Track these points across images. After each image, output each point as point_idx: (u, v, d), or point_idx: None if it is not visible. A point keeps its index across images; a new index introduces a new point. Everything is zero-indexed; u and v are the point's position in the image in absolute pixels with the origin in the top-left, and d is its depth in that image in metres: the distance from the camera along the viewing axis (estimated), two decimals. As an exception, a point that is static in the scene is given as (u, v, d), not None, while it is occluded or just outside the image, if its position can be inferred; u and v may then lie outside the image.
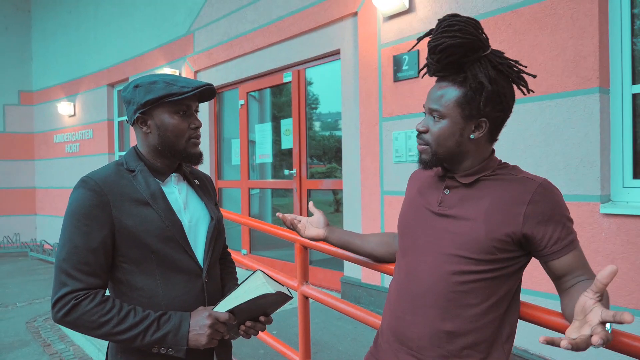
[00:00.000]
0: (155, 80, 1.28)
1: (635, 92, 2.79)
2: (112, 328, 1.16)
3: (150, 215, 1.24)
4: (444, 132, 1.17)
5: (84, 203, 1.19)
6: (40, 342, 4.17)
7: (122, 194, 1.23)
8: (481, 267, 1.13)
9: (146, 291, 1.24)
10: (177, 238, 1.27)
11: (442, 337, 1.15)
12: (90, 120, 8.68)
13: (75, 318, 1.15)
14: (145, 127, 1.30)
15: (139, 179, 1.27)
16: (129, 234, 1.21)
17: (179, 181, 1.38)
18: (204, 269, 1.33)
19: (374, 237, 1.61)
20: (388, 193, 4.03)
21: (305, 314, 2.28)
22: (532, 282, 2.96)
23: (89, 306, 1.15)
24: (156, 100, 1.26)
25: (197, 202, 1.41)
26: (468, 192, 1.19)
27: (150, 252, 1.23)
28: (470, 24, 1.14)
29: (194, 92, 1.28)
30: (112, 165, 1.30)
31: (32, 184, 10.33)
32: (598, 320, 0.87)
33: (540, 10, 3.01)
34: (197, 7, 6.39)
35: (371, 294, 4.15)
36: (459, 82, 1.15)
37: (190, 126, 1.32)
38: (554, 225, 1.11)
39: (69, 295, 1.15)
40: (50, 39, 9.85)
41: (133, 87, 1.30)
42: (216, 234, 1.40)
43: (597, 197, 2.78)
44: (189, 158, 1.34)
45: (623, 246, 2.68)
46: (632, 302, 2.65)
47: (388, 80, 3.99)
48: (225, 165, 6.52)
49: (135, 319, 1.17)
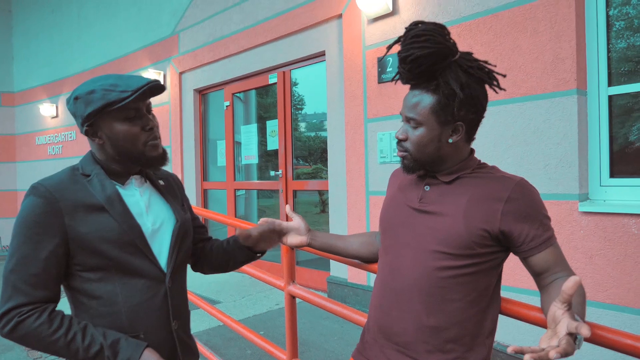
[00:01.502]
0: (92, 89, 1.18)
1: (612, 93, 2.87)
2: (60, 350, 1.10)
3: (106, 221, 1.18)
4: (422, 140, 1.20)
5: (34, 211, 1.13)
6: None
7: (76, 200, 1.17)
8: (461, 262, 1.17)
9: (105, 299, 1.19)
10: (136, 243, 1.20)
11: (427, 332, 1.19)
12: (73, 122, 8.57)
13: (20, 336, 1.10)
14: (97, 138, 1.23)
15: (95, 183, 1.21)
16: (84, 241, 1.15)
17: (141, 184, 1.32)
18: (167, 273, 1.27)
19: (355, 239, 1.61)
20: (373, 193, 4.08)
21: (292, 313, 2.30)
22: (514, 279, 3.02)
23: (34, 325, 1.09)
24: (98, 112, 1.17)
25: (161, 204, 1.34)
26: (448, 189, 1.23)
27: (107, 259, 1.17)
28: (437, 32, 1.16)
29: (135, 95, 1.16)
30: (67, 170, 1.24)
31: (14, 187, 10.18)
32: (565, 331, 0.89)
33: (520, 14, 3.08)
34: (182, 8, 6.37)
35: (357, 294, 4.19)
36: (431, 89, 1.17)
37: (145, 128, 1.23)
38: (531, 223, 1.14)
39: (13, 311, 1.09)
40: (32, 40, 9.72)
41: (73, 100, 1.21)
42: (181, 237, 1.34)
43: (576, 196, 2.85)
44: (150, 162, 1.27)
45: (601, 243, 2.76)
46: (610, 297, 2.73)
47: (373, 81, 4.04)
48: (210, 167, 6.50)
49: (84, 343, 1.11)
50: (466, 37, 3.37)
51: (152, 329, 1.23)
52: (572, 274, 1.16)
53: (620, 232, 2.68)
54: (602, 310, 2.75)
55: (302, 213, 5.34)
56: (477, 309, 1.19)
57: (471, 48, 3.31)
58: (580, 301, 1.07)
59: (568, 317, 0.91)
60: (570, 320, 0.90)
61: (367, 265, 1.68)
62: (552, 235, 1.17)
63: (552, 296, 1.11)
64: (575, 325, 0.88)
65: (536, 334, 2.99)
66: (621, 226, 2.68)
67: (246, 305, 4.42)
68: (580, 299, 1.07)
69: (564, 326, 0.90)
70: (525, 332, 2.99)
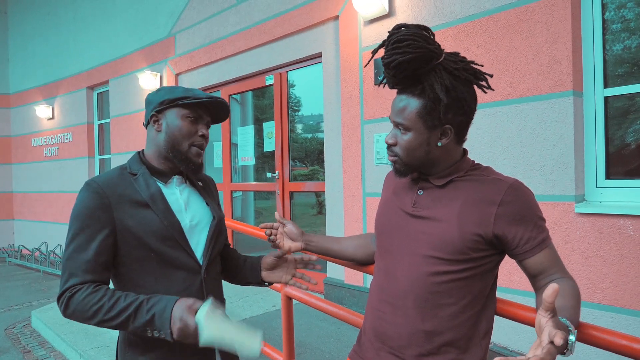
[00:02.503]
0: (178, 86, 1.40)
1: (607, 95, 2.88)
2: (104, 315, 1.19)
3: (150, 216, 1.30)
4: (411, 144, 1.20)
5: (86, 205, 1.26)
6: (20, 349, 4.11)
7: (123, 196, 1.29)
8: (455, 267, 1.16)
9: (147, 288, 1.29)
10: (175, 237, 1.32)
11: (421, 337, 1.19)
12: (69, 123, 8.56)
13: (72, 310, 1.21)
14: (157, 125, 1.39)
15: (140, 181, 1.34)
16: (130, 234, 1.27)
17: (181, 183, 1.45)
18: (203, 265, 1.38)
19: (351, 242, 1.62)
20: (370, 195, 4.08)
21: (288, 315, 2.30)
22: (510, 281, 3.03)
23: (81, 296, 1.20)
24: (172, 101, 1.36)
25: (199, 203, 1.47)
26: (441, 193, 1.22)
27: (150, 250, 1.29)
28: (419, 36, 1.14)
29: (208, 100, 1.38)
30: (117, 169, 1.37)
31: (10, 189, 10.14)
32: (547, 340, 0.90)
33: (516, 15, 3.09)
34: (178, 10, 6.37)
35: (354, 295, 4.18)
36: (417, 94, 1.16)
37: (198, 132, 1.39)
38: (525, 225, 1.13)
39: (67, 292, 1.21)
40: (28, 41, 9.70)
41: (157, 90, 1.42)
42: (217, 233, 1.46)
43: (572, 197, 2.86)
44: (188, 162, 1.40)
45: (597, 244, 2.76)
46: (606, 298, 2.73)
47: (369, 83, 4.04)
48: (207, 168, 6.50)
49: (125, 302, 1.20)
50: (462, 39, 3.37)
51: None
52: (566, 275, 1.16)
53: (616, 233, 2.69)
54: (598, 312, 2.76)
55: (299, 214, 5.34)
56: (472, 312, 1.19)
57: (467, 50, 3.32)
58: (572, 304, 1.07)
59: (551, 325, 0.92)
60: (551, 329, 0.90)
61: (364, 267, 1.68)
62: (547, 236, 1.16)
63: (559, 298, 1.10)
64: (553, 334, 0.88)
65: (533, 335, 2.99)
66: (617, 227, 2.69)
67: (243, 306, 4.41)
68: (572, 302, 1.07)
69: (545, 334, 0.91)
70: (522, 333, 2.99)
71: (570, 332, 0.97)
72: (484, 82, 1.22)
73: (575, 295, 1.10)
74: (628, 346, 1.13)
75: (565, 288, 1.11)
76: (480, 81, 1.21)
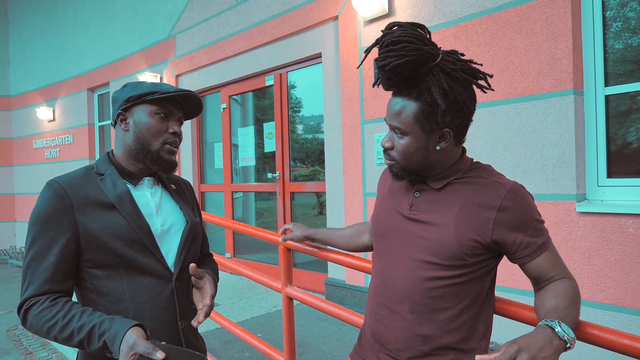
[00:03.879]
0: (143, 82, 1.32)
1: (608, 93, 2.88)
2: (58, 334, 1.12)
3: (116, 219, 1.21)
4: (409, 149, 1.15)
5: (47, 207, 1.18)
6: (21, 350, 4.11)
7: (87, 197, 1.21)
8: (452, 272, 1.14)
9: (113, 296, 1.21)
10: (144, 241, 1.23)
11: (419, 341, 1.18)
12: (70, 125, 8.57)
13: (29, 325, 1.14)
14: (124, 124, 1.30)
15: (107, 182, 1.26)
16: (94, 238, 1.19)
17: (152, 185, 1.36)
18: (175, 273, 1.29)
19: (347, 231, 1.71)
20: (370, 195, 4.07)
21: (289, 315, 2.29)
22: (512, 280, 3.02)
23: (37, 311, 1.13)
24: (138, 97, 1.27)
25: (172, 206, 1.38)
26: (438, 196, 1.19)
27: (116, 256, 1.20)
28: (414, 36, 1.09)
29: (177, 94, 1.29)
30: (82, 169, 1.30)
31: (11, 190, 10.15)
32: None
33: (516, 14, 3.08)
34: (178, 11, 6.37)
35: (355, 295, 4.18)
36: (414, 97, 1.11)
37: (169, 130, 1.30)
38: (524, 230, 1.11)
39: (26, 303, 1.15)
40: (29, 43, 9.71)
41: (123, 86, 1.33)
42: (191, 238, 1.37)
43: (573, 196, 2.85)
44: (160, 162, 1.31)
45: (598, 243, 2.76)
46: (608, 297, 2.72)
47: (369, 83, 4.04)
48: (208, 169, 6.49)
49: (78, 323, 1.11)
50: (462, 38, 3.37)
51: (159, 327, 1.25)
52: (567, 275, 1.15)
53: (618, 232, 2.68)
54: (600, 311, 2.75)
55: (300, 215, 5.34)
56: (469, 314, 1.17)
57: (467, 49, 3.31)
58: (566, 304, 1.06)
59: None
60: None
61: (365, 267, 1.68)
62: (546, 239, 1.14)
63: (542, 298, 1.11)
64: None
65: (534, 334, 2.98)
66: (619, 226, 2.68)
67: (244, 307, 4.41)
68: (566, 302, 1.06)
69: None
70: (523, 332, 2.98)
71: (555, 326, 0.96)
72: (483, 81, 1.18)
73: (570, 295, 1.09)
74: (630, 345, 1.12)
75: (559, 288, 1.10)
76: (479, 81, 1.17)
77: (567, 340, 0.95)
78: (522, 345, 0.92)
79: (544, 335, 0.96)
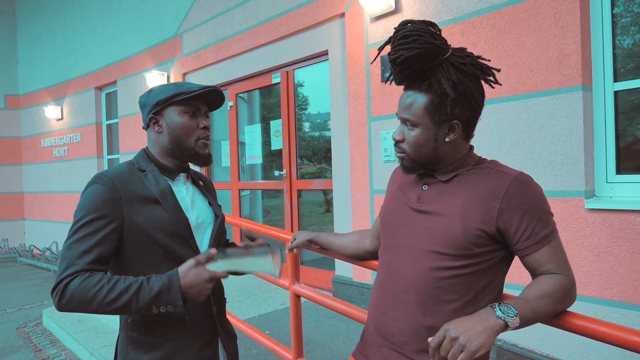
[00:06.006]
0: (167, 84, 1.41)
1: (617, 89, 2.85)
2: (104, 297, 1.16)
3: (160, 213, 1.31)
4: (419, 140, 1.20)
5: (97, 197, 1.25)
6: (31, 348, 4.15)
7: (134, 191, 1.29)
8: (458, 262, 1.15)
9: None
10: (183, 234, 1.33)
11: (423, 332, 1.18)
12: (78, 124, 8.62)
13: (69, 298, 1.17)
14: (157, 126, 1.39)
15: (150, 178, 1.35)
16: (139, 229, 1.27)
17: (186, 181, 1.46)
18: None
19: (349, 237, 1.71)
20: (377, 192, 4.07)
21: (297, 313, 2.30)
22: (520, 277, 3.00)
23: (79, 281, 1.17)
24: (166, 100, 1.36)
25: (202, 202, 1.48)
26: (445, 188, 1.22)
27: (158, 246, 1.30)
28: (425, 31, 1.14)
29: (201, 91, 1.37)
30: (125, 165, 1.38)
31: (20, 189, 10.24)
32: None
33: (524, 10, 3.06)
34: (184, 10, 6.38)
35: (362, 293, 4.18)
36: (424, 89, 1.17)
37: (199, 125, 1.40)
38: (528, 219, 1.11)
39: (64, 280, 1.18)
40: (36, 43, 9.78)
41: (148, 91, 1.42)
42: (221, 232, 1.48)
43: (582, 193, 2.83)
44: (197, 157, 1.41)
45: (607, 240, 2.74)
46: (617, 294, 2.71)
47: (376, 80, 4.03)
48: (215, 167, 6.52)
49: (125, 284, 1.19)
50: (469, 35, 3.35)
51: (195, 313, 1.36)
52: (563, 272, 1.14)
53: (627, 229, 2.66)
54: (610, 308, 2.73)
55: (307, 213, 5.35)
56: (474, 308, 1.16)
57: (475, 45, 3.30)
58: (537, 296, 1.09)
59: None
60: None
61: (372, 263, 1.69)
62: (551, 232, 1.13)
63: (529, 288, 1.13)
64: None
65: (543, 332, 2.97)
66: (628, 223, 2.66)
67: (251, 305, 4.42)
68: (539, 294, 1.09)
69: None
70: (532, 330, 2.97)
71: (495, 306, 1.05)
72: (491, 77, 1.21)
73: (548, 290, 1.10)
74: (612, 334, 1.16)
75: (542, 281, 1.12)
76: (488, 76, 1.21)
77: (504, 319, 1.02)
78: (452, 325, 1.02)
79: (480, 314, 1.05)
